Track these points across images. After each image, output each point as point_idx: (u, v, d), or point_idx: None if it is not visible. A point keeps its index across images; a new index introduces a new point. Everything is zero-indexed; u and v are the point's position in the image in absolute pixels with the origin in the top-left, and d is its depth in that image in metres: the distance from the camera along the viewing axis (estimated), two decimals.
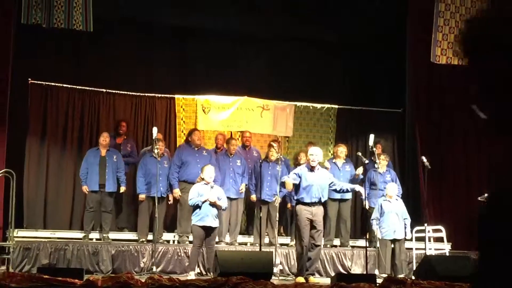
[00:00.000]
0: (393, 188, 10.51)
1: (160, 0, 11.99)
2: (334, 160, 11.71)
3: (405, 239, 10.43)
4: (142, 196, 10.75)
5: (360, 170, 11.45)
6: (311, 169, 9.40)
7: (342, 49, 13.65)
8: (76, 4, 10.14)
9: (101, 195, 10.69)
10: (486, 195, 10.38)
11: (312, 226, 9.22)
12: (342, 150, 11.70)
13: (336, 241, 11.51)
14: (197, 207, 9.50)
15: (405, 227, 10.33)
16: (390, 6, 12.25)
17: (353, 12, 12.38)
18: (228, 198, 11.03)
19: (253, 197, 11.17)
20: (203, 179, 9.74)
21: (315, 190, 9.25)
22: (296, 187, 9.37)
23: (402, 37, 12.50)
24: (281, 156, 10.89)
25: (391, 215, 10.20)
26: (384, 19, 12.48)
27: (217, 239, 10.46)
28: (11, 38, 10.42)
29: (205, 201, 9.43)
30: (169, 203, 11.01)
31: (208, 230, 9.50)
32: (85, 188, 10.66)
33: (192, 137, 11.16)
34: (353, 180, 11.43)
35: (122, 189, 10.89)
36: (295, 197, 9.46)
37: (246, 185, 11.26)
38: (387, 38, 13.03)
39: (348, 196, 11.45)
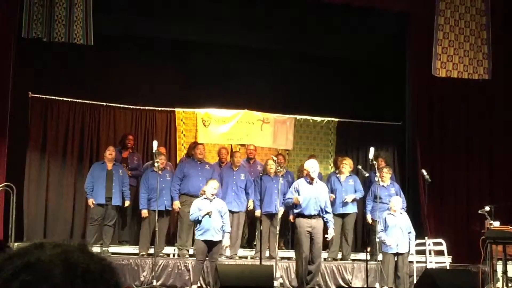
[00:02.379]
0: (398, 202, 10.40)
1: (161, 14, 12.02)
2: (338, 175, 11.62)
3: (409, 253, 10.33)
4: (144, 212, 10.71)
5: (350, 197, 11.37)
6: (310, 181, 9.37)
7: (342, 63, 13.66)
8: (76, 18, 10.17)
9: (106, 208, 10.68)
10: (486, 208, 10.38)
11: (312, 239, 9.18)
12: (346, 164, 11.56)
13: (339, 255, 11.45)
14: (198, 221, 9.49)
15: (409, 241, 10.23)
16: (391, 20, 12.26)
17: (353, 26, 12.39)
18: (230, 211, 11.00)
19: (258, 212, 11.00)
20: (205, 192, 9.75)
21: (312, 203, 9.21)
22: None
23: (403, 50, 12.52)
24: (282, 169, 10.87)
25: (395, 229, 10.09)
26: (385, 33, 12.50)
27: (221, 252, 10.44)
28: (11, 52, 10.44)
29: (205, 215, 9.42)
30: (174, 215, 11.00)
31: (211, 244, 9.48)
32: (91, 201, 10.63)
33: (195, 150, 11.17)
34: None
35: (127, 203, 10.87)
36: (295, 211, 9.43)
37: (253, 201, 11.21)
38: (387, 51, 13.04)
39: (353, 209, 11.42)
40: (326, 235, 9.52)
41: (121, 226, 11.37)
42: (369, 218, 11.19)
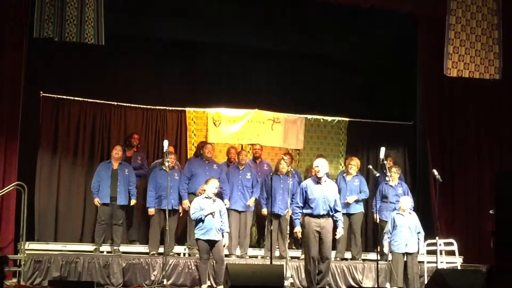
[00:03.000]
0: (407, 202, 10.37)
1: (173, 15, 12.01)
2: (345, 175, 11.59)
3: (418, 253, 10.29)
4: (151, 210, 10.76)
5: (352, 199, 11.34)
6: (318, 181, 9.28)
7: (352, 63, 13.62)
8: (88, 17, 10.20)
9: (112, 208, 10.69)
10: None
11: (320, 239, 9.12)
12: (353, 164, 11.50)
13: (347, 254, 11.42)
14: (199, 220, 9.51)
15: (418, 241, 10.19)
16: (399, 20, 12.24)
17: (362, 27, 12.38)
18: (236, 211, 11.02)
19: (264, 211, 11.06)
20: (204, 191, 9.76)
21: (321, 203, 9.08)
22: (304, 200, 9.26)
23: (413, 50, 12.50)
24: (291, 169, 10.85)
25: (404, 229, 10.07)
26: (394, 34, 12.48)
27: (227, 252, 10.45)
28: (23, 51, 10.50)
29: (208, 215, 9.44)
30: (180, 215, 11.00)
31: (212, 243, 9.51)
32: (96, 201, 10.67)
33: (203, 150, 11.17)
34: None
35: (133, 202, 10.89)
36: (304, 211, 9.34)
37: (256, 198, 11.20)
38: (397, 51, 13.01)
39: (359, 209, 11.39)
40: (334, 235, 9.46)
41: (129, 226, 11.38)
42: (376, 217, 11.16)
